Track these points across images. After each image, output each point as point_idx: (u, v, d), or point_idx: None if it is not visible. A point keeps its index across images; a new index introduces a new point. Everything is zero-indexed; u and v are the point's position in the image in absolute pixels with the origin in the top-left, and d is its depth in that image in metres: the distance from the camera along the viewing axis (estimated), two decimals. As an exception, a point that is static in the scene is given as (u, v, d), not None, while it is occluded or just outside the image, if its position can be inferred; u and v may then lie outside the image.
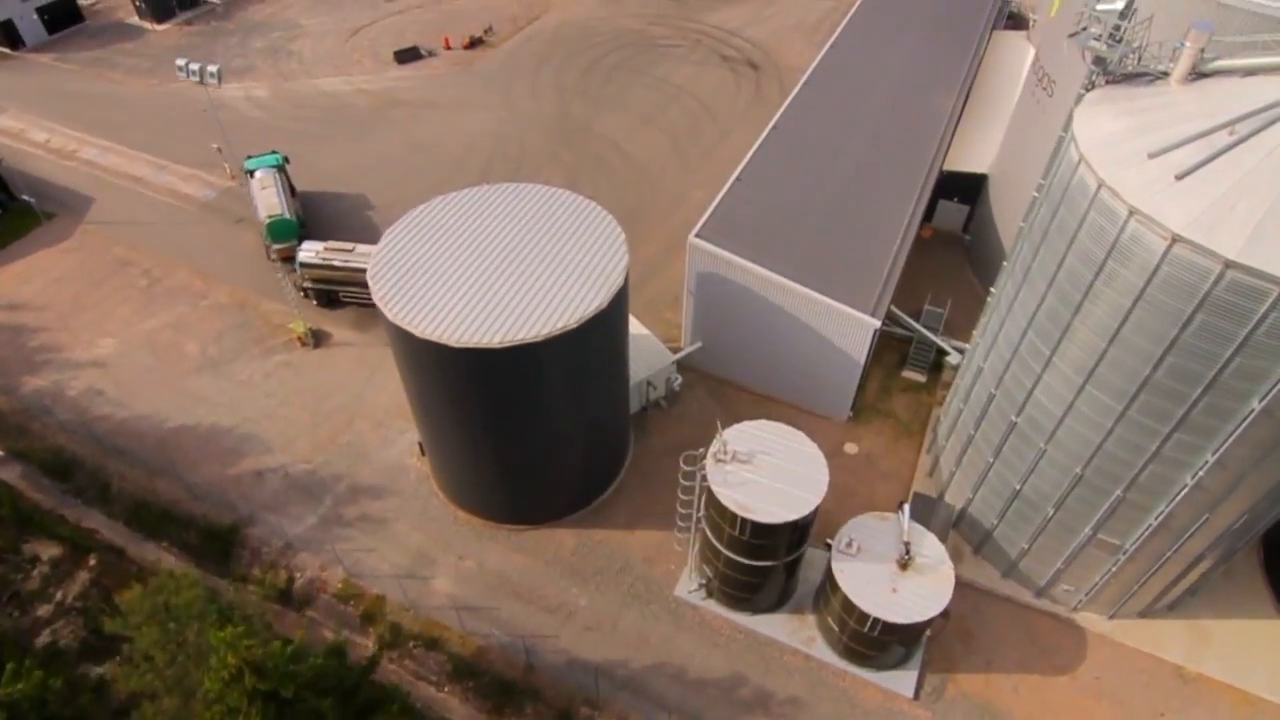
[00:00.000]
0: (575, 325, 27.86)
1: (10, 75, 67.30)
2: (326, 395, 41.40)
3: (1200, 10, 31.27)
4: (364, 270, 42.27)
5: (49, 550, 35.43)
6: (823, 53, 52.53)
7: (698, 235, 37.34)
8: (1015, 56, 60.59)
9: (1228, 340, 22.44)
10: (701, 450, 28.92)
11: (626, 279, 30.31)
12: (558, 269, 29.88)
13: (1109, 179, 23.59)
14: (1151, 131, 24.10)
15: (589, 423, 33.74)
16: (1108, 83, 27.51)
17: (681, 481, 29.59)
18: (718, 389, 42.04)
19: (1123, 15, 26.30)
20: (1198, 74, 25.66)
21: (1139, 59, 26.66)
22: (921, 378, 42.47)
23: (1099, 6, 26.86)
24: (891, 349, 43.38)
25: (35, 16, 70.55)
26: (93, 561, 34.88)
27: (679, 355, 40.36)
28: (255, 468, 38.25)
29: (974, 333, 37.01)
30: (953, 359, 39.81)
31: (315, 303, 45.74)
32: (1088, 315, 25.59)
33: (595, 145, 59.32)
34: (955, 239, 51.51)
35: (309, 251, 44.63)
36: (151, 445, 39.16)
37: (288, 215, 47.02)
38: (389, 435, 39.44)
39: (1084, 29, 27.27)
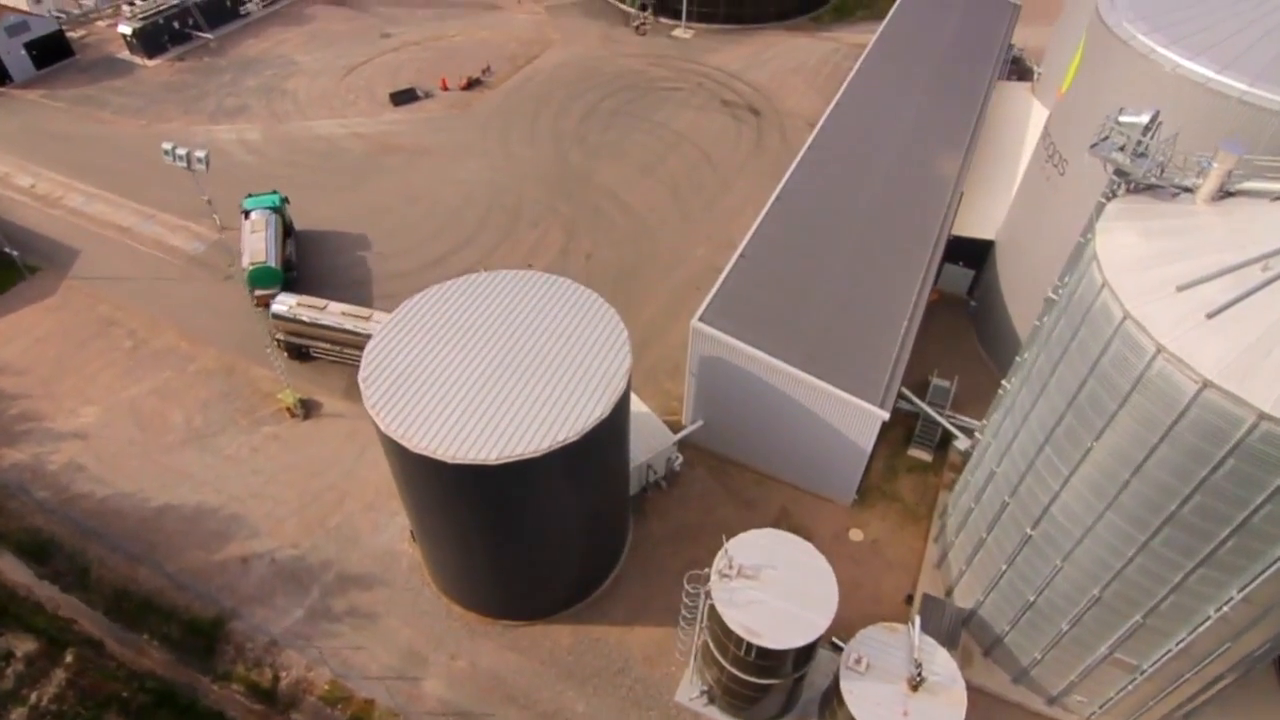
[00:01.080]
0: (576, 438, 26.74)
1: (-4, 113, 66.05)
2: (316, 472, 40.12)
3: (1228, 114, 30.62)
4: (332, 328, 43.52)
5: (24, 645, 34.04)
6: (825, 115, 51.49)
7: (701, 319, 36.27)
8: (1019, 110, 60.04)
9: (1260, 487, 21.46)
10: (706, 570, 27.77)
11: (629, 383, 29.21)
12: (558, 371, 28.75)
13: (1135, 311, 22.61)
14: (1179, 258, 23.17)
15: (587, 519, 32.59)
16: (1129, 191, 26.68)
17: (685, 600, 28.43)
18: (719, 468, 40.95)
19: (1147, 130, 25.44)
20: (1225, 192, 24.80)
21: (1162, 171, 25.78)
22: (928, 457, 41.48)
23: (1122, 118, 25.98)
24: (897, 423, 42.14)
25: (23, 52, 69.13)
26: (70, 659, 33.49)
27: (680, 435, 39.26)
28: (241, 553, 36.94)
29: (984, 427, 36.08)
30: (960, 444, 38.83)
31: (286, 354, 45.03)
32: (1109, 442, 24.59)
33: (594, 196, 58.26)
34: (960, 302, 50.62)
35: (282, 304, 44.23)
36: (133, 527, 37.81)
37: (271, 263, 46.37)
38: (380, 518, 38.19)
39: (1106, 138, 26.38)
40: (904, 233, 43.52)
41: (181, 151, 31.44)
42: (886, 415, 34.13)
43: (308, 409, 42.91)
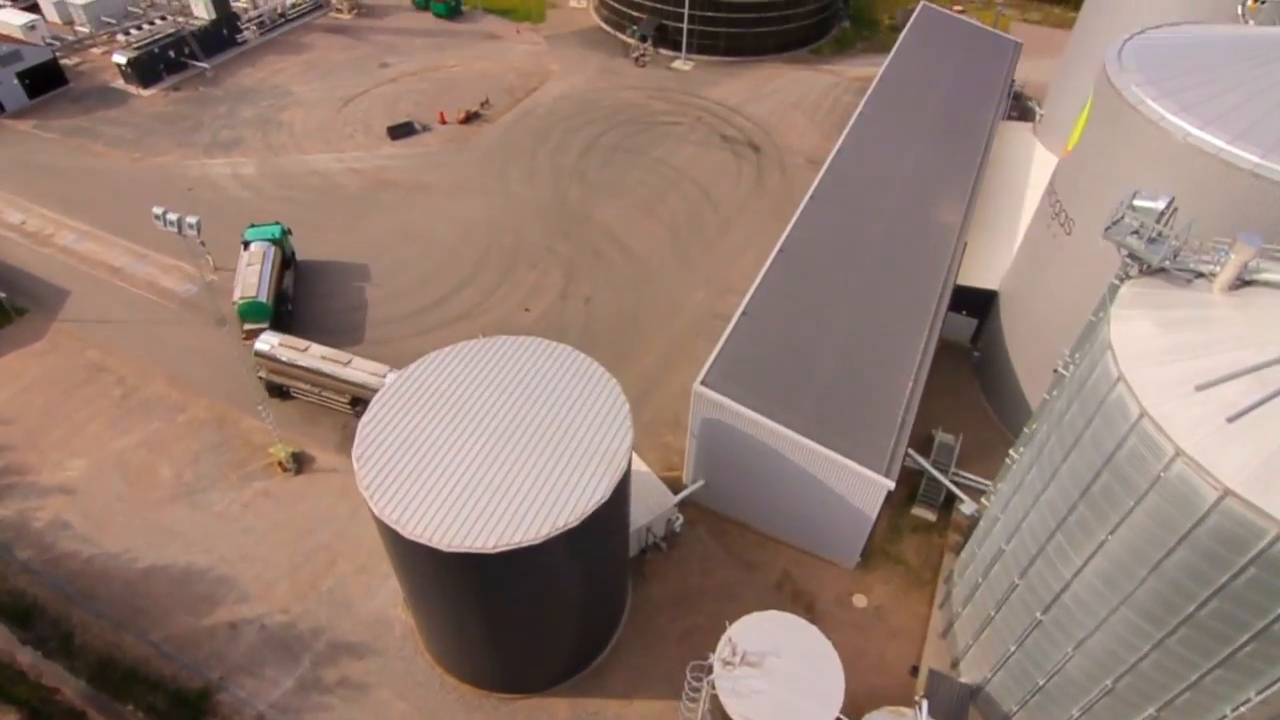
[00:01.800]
0: (576, 523, 25.98)
1: (-13, 145, 65.18)
2: (307, 531, 39.23)
3: (1240, 186, 30.15)
4: (311, 370, 43.29)
5: (5, 716, 33.01)
6: (828, 161, 51.02)
7: (703, 383, 35.59)
8: (1022, 153, 59.71)
9: (1282, 597, 20.87)
10: (709, 659, 26.99)
11: (630, 461, 28.48)
12: (558, 447, 28.00)
13: (1153, 410, 21.98)
14: (1197, 354, 22.58)
15: (586, 593, 31.79)
16: (1142, 273, 26.12)
17: (687, 691, 27.63)
18: (720, 528, 40.19)
19: (1163, 216, 24.93)
20: (1242, 281, 24.26)
21: (1176, 256, 25.23)
22: (932, 516, 40.78)
23: (1137, 202, 25.47)
24: (901, 481, 40.43)
25: (15, 81, 68.33)
26: (51, 733, 32.52)
27: (680, 497, 38.52)
28: (230, 618, 36.00)
29: (991, 495, 35.47)
30: (965, 508, 38.16)
31: (267, 392, 44.96)
32: (1124, 537, 23.93)
33: (593, 236, 57.64)
34: (962, 351, 50.02)
35: (265, 342, 44.05)
36: (119, 590, 36.83)
37: (262, 299, 46.28)
38: (372, 581, 37.30)
39: (1120, 220, 25.84)
40: (908, 287, 42.96)
41: (173, 217, 30.67)
42: (892, 485, 33.46)
43: (300, 463, 42.04)
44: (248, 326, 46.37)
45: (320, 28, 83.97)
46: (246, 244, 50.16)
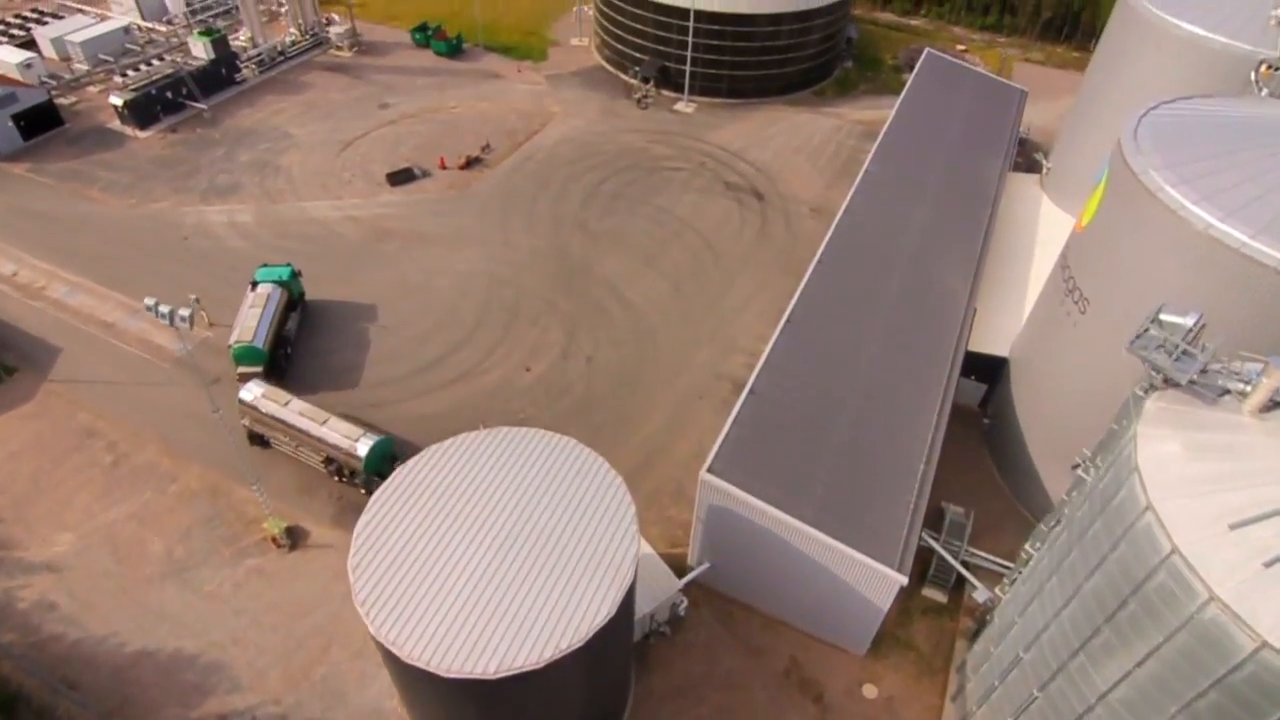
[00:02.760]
0: (580, 644, 24.95)
1: (-19, 190, 64.25)
2: (302, 613, 38.10)
3: (1263, 282, 29.41)
4: (289, 425, 43.04)
5: (-17, 819, 31.84)
6: (833, 224, 50.16)
7: (710, 470, 34.61)
8: (1029, 208, 59.07)
9: (1323, 753, 19.90)
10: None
11: (636, 570, 27.49)
12: (561, 557, 26.99)
13: (1186, 548, 21.08)
14: (1230, 486, 21.70)
15: (588, 698, 30.69)
16: (1166, 384, 25.28)
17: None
18: (725, 609, 39.10)
19: (1191, 333, 24.12)
20: (1274, 402, 23.43)
21: (1203, 370, 24.41)
22: (943, 598, 39.78)
23: (1164, 316, 24.68)
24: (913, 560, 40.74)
25: (10, 124, 67.49)
26: (31, 840, 31.29)
27: (685, 580, 37.47)
28: (220, 709, 34.81)
29: (1007, 587, 34.52)
30: (978, 595, 37.16)
31: (249, 441, 45.22)
32: (1153, 670, 22.97)
33: (595, 290, 56.79)
34: (971, 415, 49.12)
35: (250, 391, 44.41)
36: (107, 677, 35.63)
37: (258, 344, 46.88)
38: (367, 668, 36.13)
39: (1145, 332, 25.04)
40: (918, 360, 42.13)
41: (164, 309, 29.80)
42: (905, 580, 32.47)
43: (294, 538, 40.94)
44: (241, 370, 46.88)
45: (320, 66, 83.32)
46: (255, 284, 50.65)
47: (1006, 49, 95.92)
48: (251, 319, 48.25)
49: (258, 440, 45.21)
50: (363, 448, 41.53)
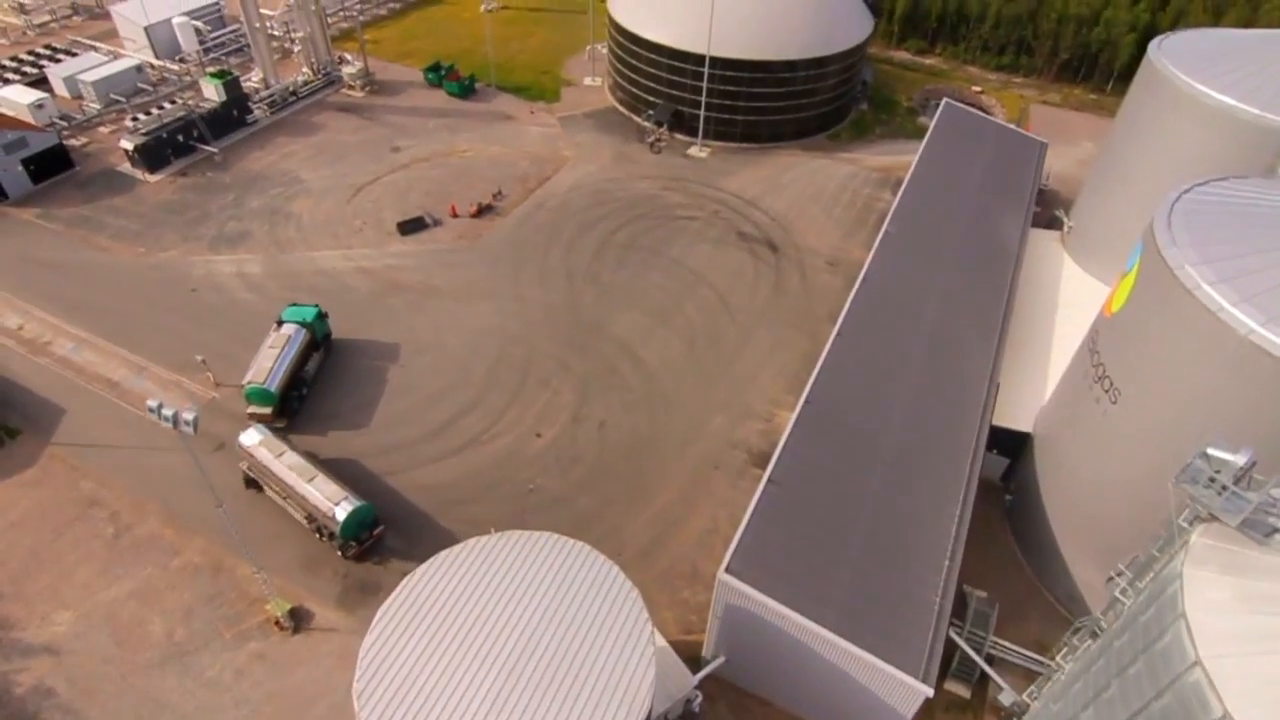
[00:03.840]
0: (595, 785, 23.84)
1: (-11, 237, 63.76)
2: (304, 704, 36.96)
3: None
4: (278, 477, 43.11)
5: None
6: (852, 293, 49.05)
7: (728, 570, 33.45)
8: (1050, 270, 57.85)
9: None
10: None
11: (651, 697, 26.34)
12: (575, 683, 25.90)
13: (1239, 714, 19.83)
14: (1287, 646, 20.46)
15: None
16: (1212, 517, 24.06)
17: None
18: (741, 703, 37.84)
19: (1240, 475, 22.91)
20: (1329, 548, 22.20)
21: (1253, 509, 23.19)
22: (966, 693, 38.44)
23: (1211, 451, 23.48)
24: None
25: (20, 168, 67.11)
26: None
27: (701, 675, 36.23)
28: (218, 810, 33.74)
29: (1036, 697, 33.17)
30: (1004, 698, 35.82)
31: (244, 484, 45.87)
32: (1204, 833, 21.68)
33: (607, 350, 55.80)
34: (993, 489, 47.83)
35: (250, 437, 45.06)
36: (102, 773, 34.63)
37: (270, 387, 47.91)
38: (372, 767, 34.97)
39: (1190, 464, 23.85)
40: (941, 446, 40.96)
41: (168, 413, 28.95)
42: (930, 691, 31.19)
43: (297, 620, 39.86)
44: (251, 410, 48.49)
45: (332, 106, 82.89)
46: (280, 323, 51.74)
47: (1023, 89, 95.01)
48: (268, 360, 49.16)
49: (252, 484, 45.67)
50: (341, 512, 41.40)
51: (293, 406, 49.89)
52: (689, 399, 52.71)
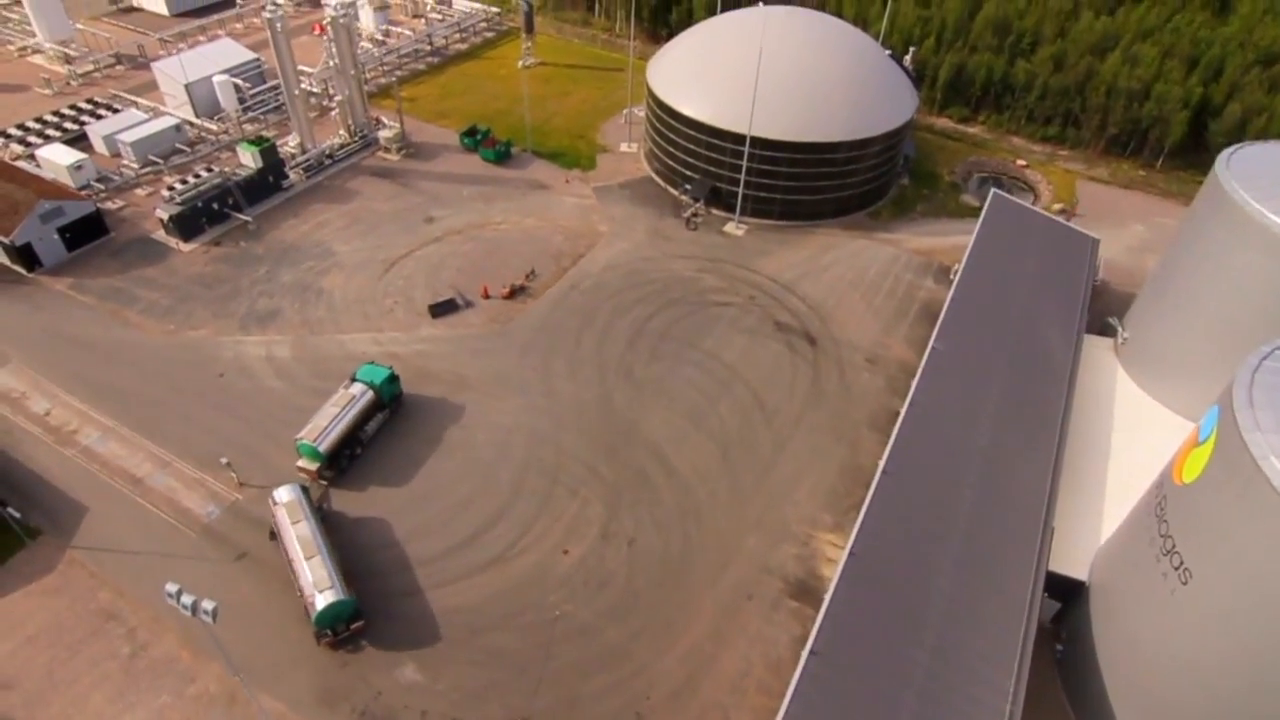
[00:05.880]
0: None
1: (22, 309, 63.36)
2: None
3: None
4: (285, 544, 44.76)
5: None
6: (899, 422, 47.03)
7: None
8: (1105, 384, 55.37)
9: None
10: None
11: None
12: None
13: None
14: None
15: None
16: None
17: None
18: None
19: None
20: None
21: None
22: None
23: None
24: None
25: (56, 236, 67.11)
26: None
27: None
28: None
29: None
30: None
31: (269, 536, 47.28)
32: None
33: (638, 455, 54.10)
34: (1041, 632, 45.35)
35: (282, 493, 47.10)
36: None
37: (319, 447, 49.67)
38: None
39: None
40: (992, 607, 38.71)
41: (187, 600, 27.75)
42: None
43: (313, 763, 38.48)
44: (300, 464, 50.91)
45: (367, 170, 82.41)
46: (352, 379, 54.21)
47: (1069, 163, 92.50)
48: (325, 418, 51.37)
49: (274, 537, 46.85)
50: (321, 601, 41.81)
51: (340, 465, 51.67)
52: (722, 515, 50.83)
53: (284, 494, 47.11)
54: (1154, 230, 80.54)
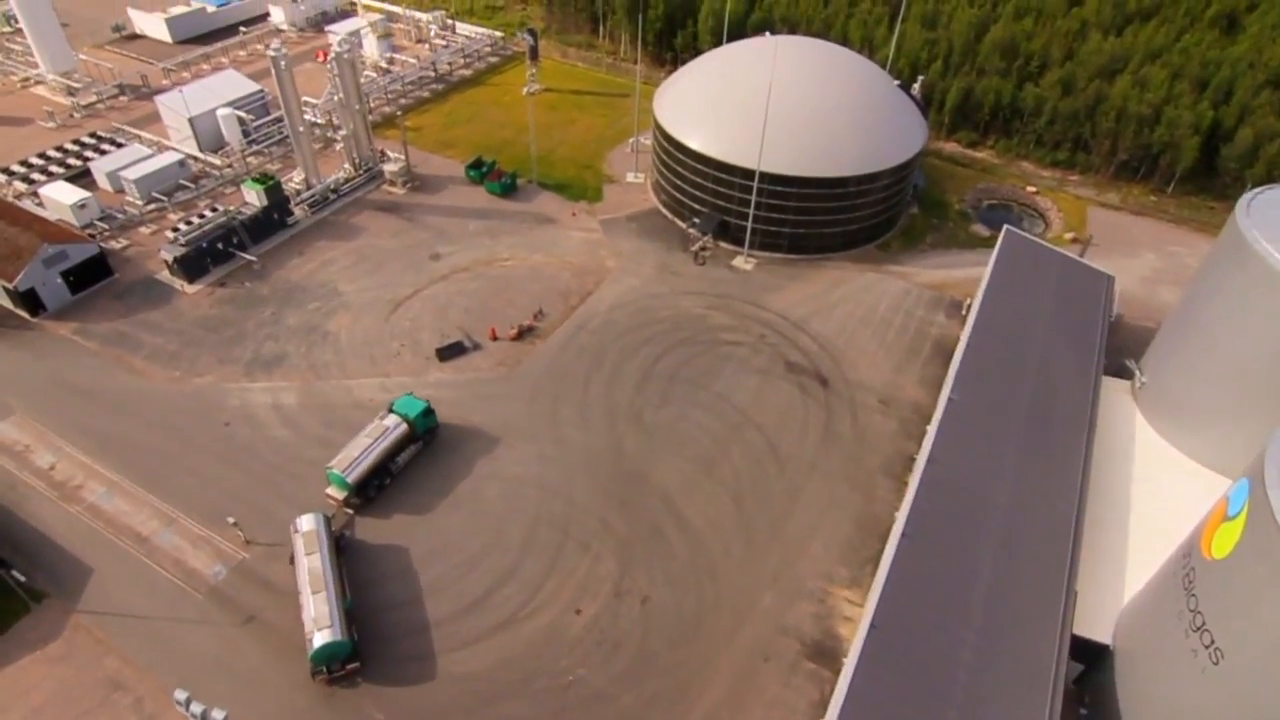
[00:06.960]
0: None
1: (25, 357, 62.79)
2: None
3: None
4: (296, 574, 45.81)
5: None
6: (914, 483, 46.14)
7: None
8: (1123, 431, 54.46)
9: None
10: None
11: None
12: None
13: None
14: None
15: None
16: None
17: None
18: None
19: None
20: None
21: None
22: None
23: None
24: None
25: (59, 280, 66.57)
26: None
27: None
28: None
29: None
30: None
31: (289, 560, 48.01)
32: None
33: (650, 506, 53.33)
34: (1065, 694, 44.48)
35: (305, 522, 47.98)
36: None
37: (348, 478, 50.51)
38: None
39: None
40: (1016, 676, 37.86)
41: (197, 709, 27.09)
42: None
43: (324, 844, 37.71)
44: (329, 492, 52.13)
45: (372, 205, 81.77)
46: (390, 409, 54.99)
47: (1079, 189, 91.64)
48: (357, 449, 52.29)
49: (293, 561, 47.41)
50: (318, 639, 42.52)
51: (368, 494, 52.40)
52: (737, 570, 50.02)
53: (306, 523, 48.07)
54: (1167, 259, 79.67)
